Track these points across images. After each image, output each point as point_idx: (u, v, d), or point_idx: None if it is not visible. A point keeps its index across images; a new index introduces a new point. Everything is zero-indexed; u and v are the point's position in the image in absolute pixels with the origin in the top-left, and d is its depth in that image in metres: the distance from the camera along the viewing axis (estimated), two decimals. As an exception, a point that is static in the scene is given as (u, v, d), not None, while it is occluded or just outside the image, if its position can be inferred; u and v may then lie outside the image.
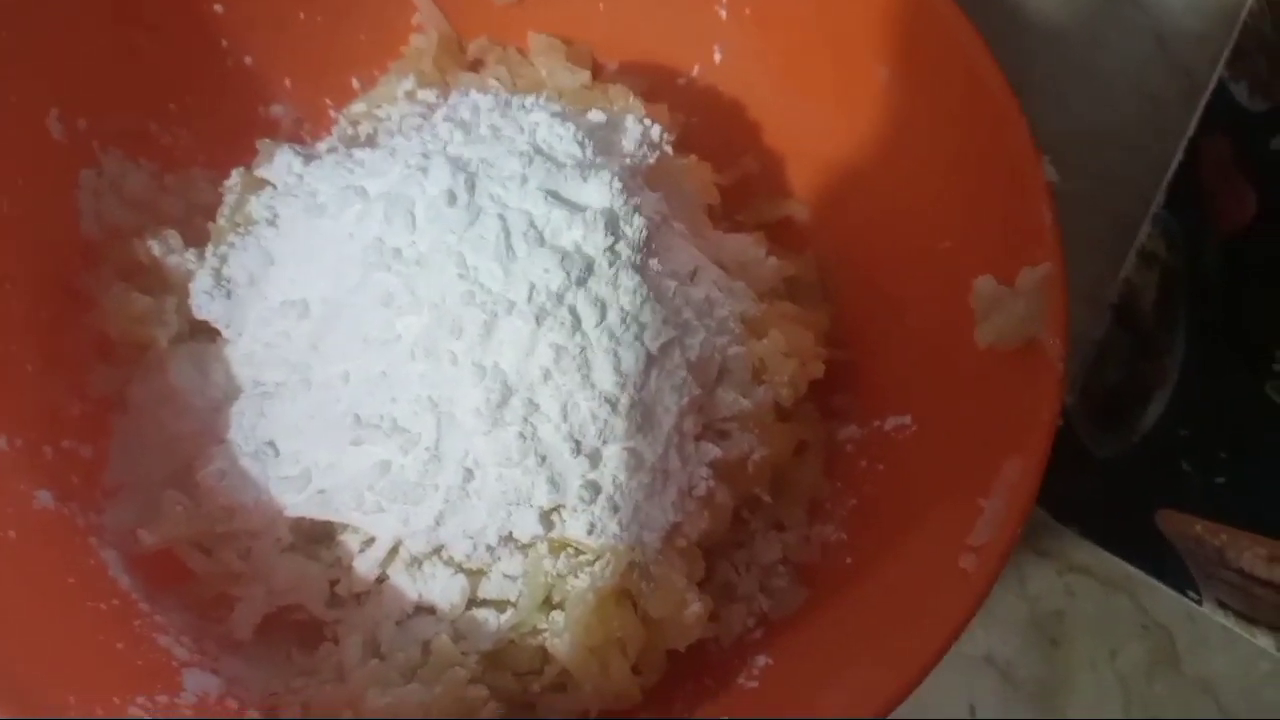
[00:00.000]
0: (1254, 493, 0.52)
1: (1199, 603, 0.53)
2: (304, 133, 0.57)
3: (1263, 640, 0.51)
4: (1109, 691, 0.55)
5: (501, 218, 0.42)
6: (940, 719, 0.54)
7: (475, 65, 0.57)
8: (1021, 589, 0.57)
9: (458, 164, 0.43)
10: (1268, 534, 0.52)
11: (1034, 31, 0.65)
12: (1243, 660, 0.55)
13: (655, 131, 0.49)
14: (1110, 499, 0.55)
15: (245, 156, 0.52)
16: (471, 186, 0.43)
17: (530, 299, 0.41)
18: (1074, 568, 0.57)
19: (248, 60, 0.54)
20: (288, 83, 0.56)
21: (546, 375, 0.42)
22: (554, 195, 0.43)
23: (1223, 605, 0.52)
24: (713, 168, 0.55)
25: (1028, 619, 0.56)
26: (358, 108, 0.54)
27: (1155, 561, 0.53)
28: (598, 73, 0.57)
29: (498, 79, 0.54)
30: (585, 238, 0.42)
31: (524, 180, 0.43)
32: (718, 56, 0.56)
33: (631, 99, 0.52)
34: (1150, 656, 0.56)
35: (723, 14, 0.54)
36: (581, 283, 0.42)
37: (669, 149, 0.50)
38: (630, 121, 0.49)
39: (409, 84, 0.53)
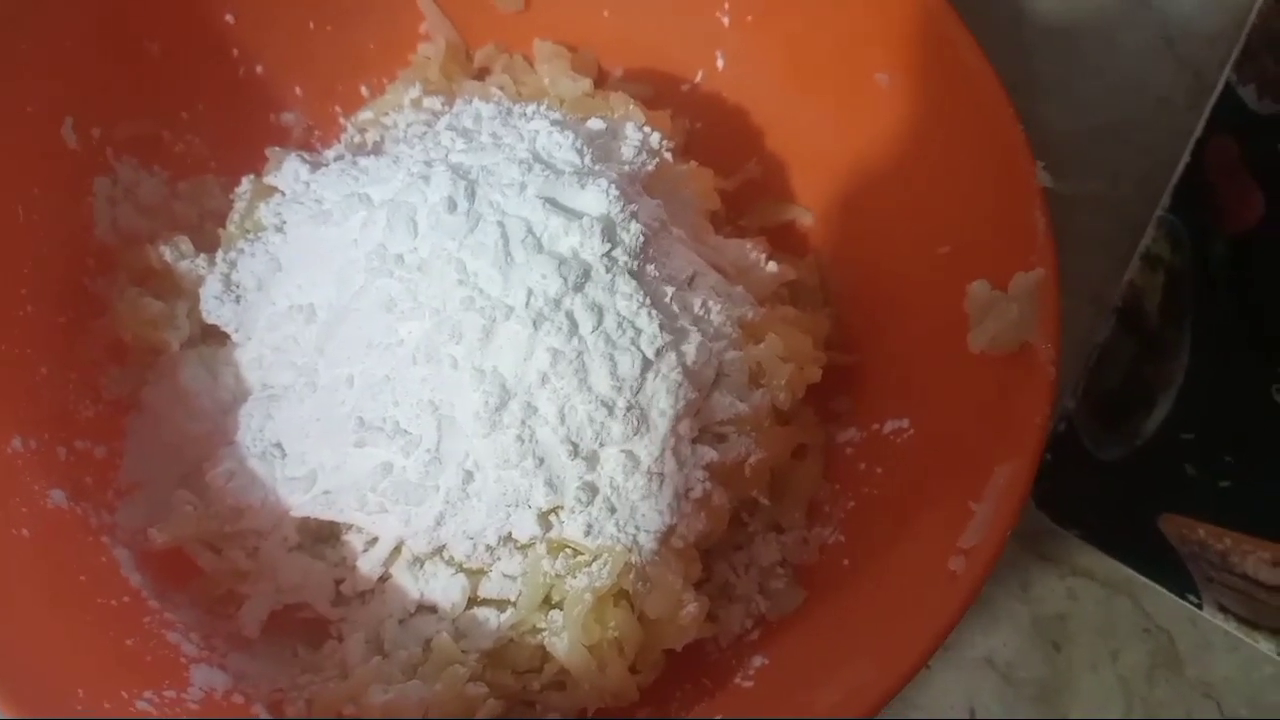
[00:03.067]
0: (1259, 497, 0.53)
1: (1199, 607, 0.53)
2: (315, 140, 0.58)
3: (1264, 645, 0.51)
4: (1110, 694, 0.55)
5: (500, 224, 0.43)
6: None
7: (481, 73, 0.58)
8: (1023, 592, 0.57)
9: (459, 171, 0.44)
10: (1272, 538, 0.52)
11: (1042, 30, 0.65)
12: (1244, 664, 0.55)
13: (655, 138, 0.50)
14: (1113, 503, 0.55)
15: (257, 163, 0.54)
16: (471, 194, 0.43)
17: (528, 304, 0.42)
18: (1076, 571, 0.57)
19: (259, 69, 0.55)
20: (298, 90, 0.57)
21: (544, 379, 0.42)
22: (552, 202, 0.44)
23: (1224, 609, 0.52)
24: (717, 173, 0.55)
25: (1030, 622, 0.56)
26: (365, 115, 0.55)
27: (1155, 565, 0.53)
28: (602, 79, 0.58)
29: (501, 87, 0.55)
30: (582, 244, 0.43)
31: (523, 188, 0.44)
32: (720, 63, 0.57)
33: (631, 106, 0.52)
34: (1152, 659, 0.56)
35: (725, 20, 0.55)
36: (579, 288, 0.43)
37: (669, 155, 0.51)
38: (630, 129, 0.49)
39: (415, 92, 0.54)
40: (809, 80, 0.54)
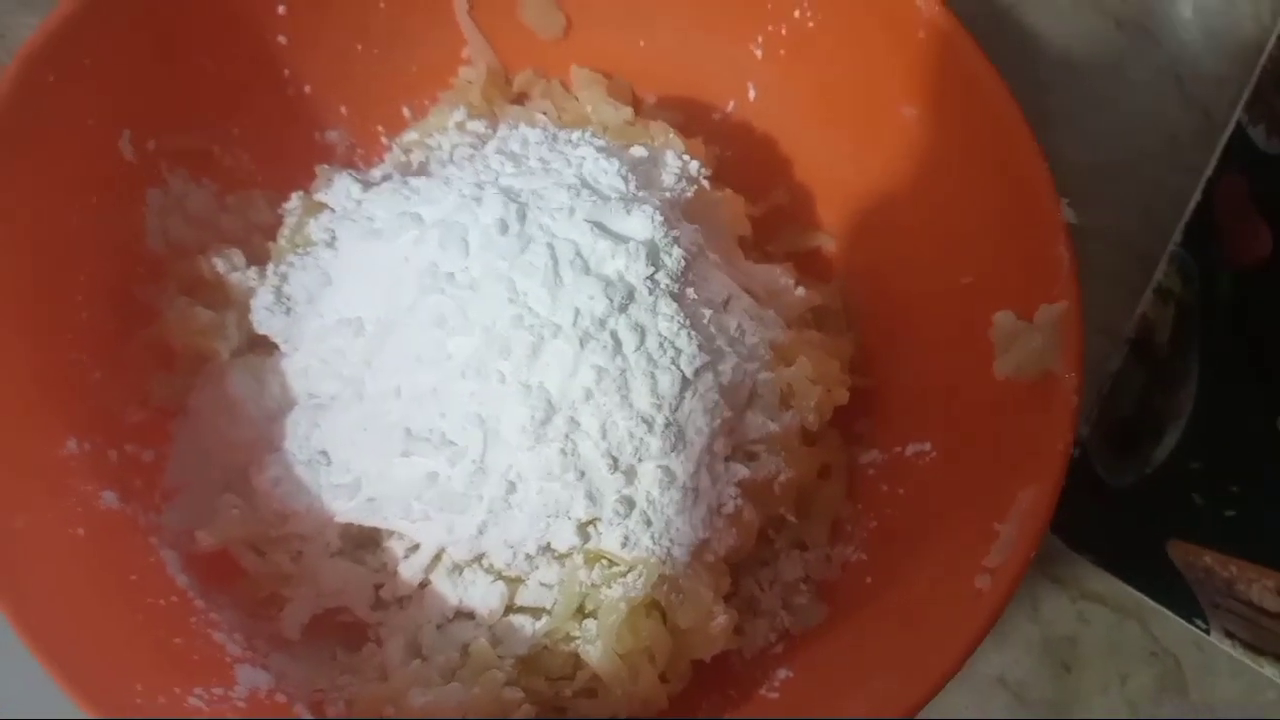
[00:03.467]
0: (1264, 526, 0.54)
1: (1206, 632, 0.54)
2: (357, 158, 0.59)
3: (1269, 670, 0.53)
4: (1119, 715, 0.57)
5: (550, 246, 0.45)
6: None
7: (520, 97, 0.60)
8: (1035, 614, 0.58)
9: (510, 195, 0.46)
10: (1276, 567, 0.53)
11: (1055, 68, 0.67)
12: (1248, 688, 0.57)
13: (693, 166, 0.52)
14: (1123, 528, 0.56)
15: (302, 179, 0.55)
16: (522, 216, 0.45)
17: (575, 323, 0.44)
18: (1086, 595, 0.59)
19: (307, 88, 0.57)
20: (343, 110, 0.58)
21: (588, 395, 0.44)
22: (599, 226, 0.45)
23: (1230, 635, 0.54)
24: (745, 199, 0.57)
25: (1041, 643, 0.58)
26: (410, 136, 0.57)
27: (1164, 590, 0.55)
28: (636, 106, 0.60)
29: (544, 113, 0.57)
30: (628, 267, 0.45)
31: (571, 211, 0.45)
32: (752, 93, 0.58)
33: (671, 135, 0.54)
34: (1159, 683, 0.58)
35: (758, 53, 0.57)
36: (623, 309, 0.44)
37: (706, 183, 0.52)
38: (670, 157, 0.51)
39: (460, 115, 0.55)
40: (837, 112, 0.56)
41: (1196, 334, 0.58)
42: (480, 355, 0.44)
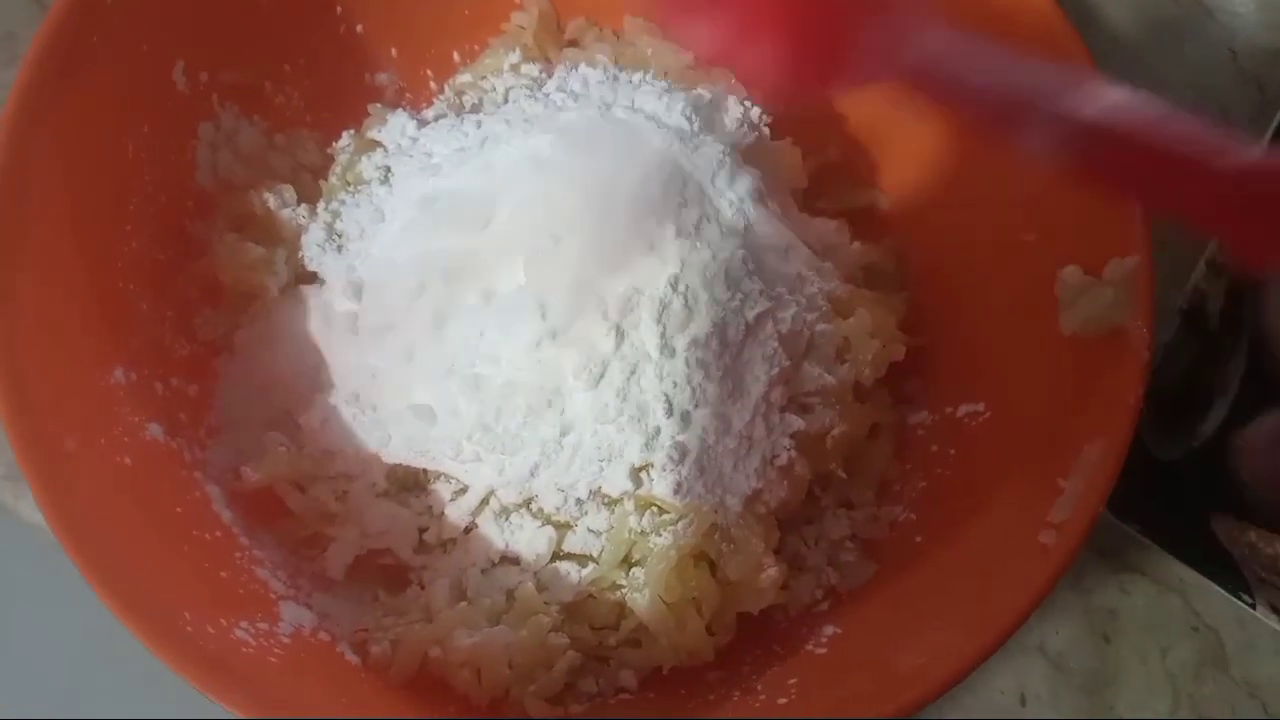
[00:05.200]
0: (1309, 505, 0.53)
1: (1253, 606, 0.54)
2: (405, 101, 0.58)
3: (1313, 647, 0.52)
4: (1158, 688, 0.56)
5: (614, 183, 0.44)
6: (991, 703, 0.56)
7: (572, 45, 0.59)
8: (1077, 584, 0.58)
9: (571, 131, 0.45)
10: (1320, 547, 0.52)
11: (1107, 39, 0.66)
12: (1290, 666, 0.56)
13: (755, 113, 0.51)
14: (1169, 501, 0.56)
15: (350, 120, 0.55)
16: (584, 153, 0.44)
17: (639, 261, 0.43)
18: (1128, 567, 0.58)
19: (359, 28, 0.56)
20: (393, 52, 0.57)
21: (648, 337, 0.43)
22: (664, 166, 0.45)
23: (1276, 610, 0.53)
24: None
25: (1082, 613, 0.57)
26: (464, 78, 0.56)
27: (1211, 565, 0.54)
28: (688, 61, 0.59)
29: (603, 55, 0.56)
30: (693, 207, 0.44)
31: (635, 150, 0.45)
32: (808, 48, 0.57)
33: (733, 81, 0.53)
34: (1199, 657, 0.57)
35: (817, 6, 0.56)
36: (690, 243, 0.44)
37: (767, 130, 0.52)
38: (732, 102, 0.50)
39: (515, 57, 0.55)
40: (896, 68, 0.55)
41: (1247, 308, 0.58)
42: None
